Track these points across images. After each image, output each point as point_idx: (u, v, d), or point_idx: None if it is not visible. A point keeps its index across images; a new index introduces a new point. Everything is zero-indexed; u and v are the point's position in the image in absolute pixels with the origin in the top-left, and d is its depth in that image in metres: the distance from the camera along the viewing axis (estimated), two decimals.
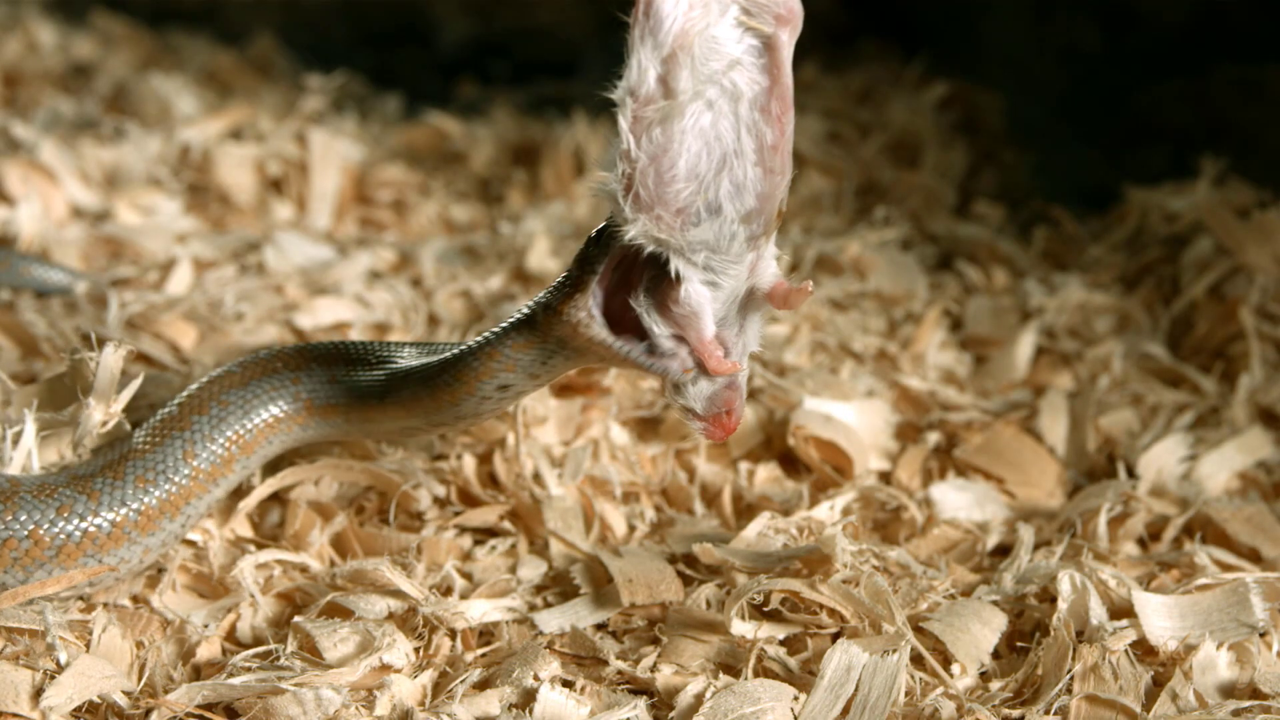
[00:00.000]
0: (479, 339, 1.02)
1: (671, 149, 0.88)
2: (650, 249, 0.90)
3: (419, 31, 2.39)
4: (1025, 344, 1.40)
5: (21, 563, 0.97)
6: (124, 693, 0.92)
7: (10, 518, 0.97)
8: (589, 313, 0.94)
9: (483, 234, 1.71)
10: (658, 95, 0.87)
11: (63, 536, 0.98)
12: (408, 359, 1.08)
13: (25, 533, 0.97)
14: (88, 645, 0.95)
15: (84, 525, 0.98)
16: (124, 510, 1.00)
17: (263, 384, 1.07)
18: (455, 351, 1.03)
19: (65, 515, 0.98)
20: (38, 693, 0.90)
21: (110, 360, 1.07)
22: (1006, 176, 1.92)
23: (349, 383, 1.07)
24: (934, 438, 1.25)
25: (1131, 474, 1.22)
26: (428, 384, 1.03)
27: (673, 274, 0.91)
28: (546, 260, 1.57)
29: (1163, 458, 1.23)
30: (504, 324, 1.00)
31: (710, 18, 0.87)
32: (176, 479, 1.02)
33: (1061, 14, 1.98)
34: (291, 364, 1.08)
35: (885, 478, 1.22)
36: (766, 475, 1.19)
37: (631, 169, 0.88)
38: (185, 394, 1.07)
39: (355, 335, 1.38)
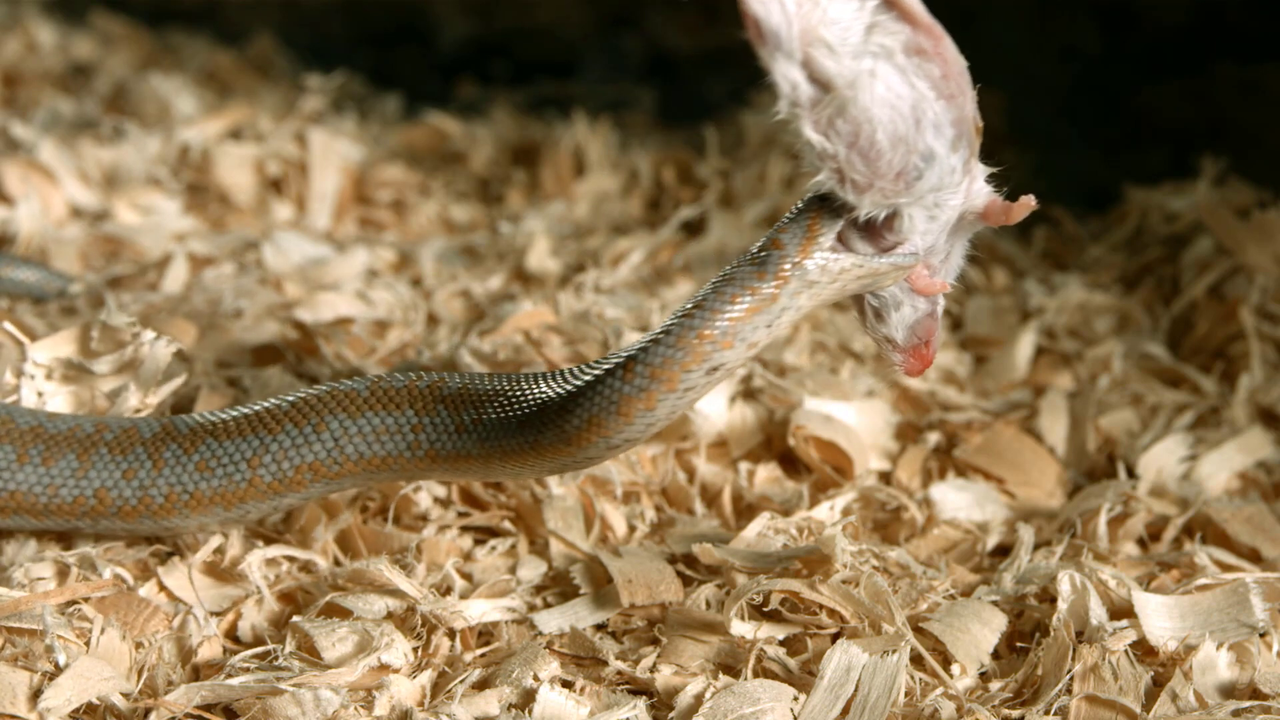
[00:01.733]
0: (649, 339, 0.93)
1: (863, 130, 0.89)
2: (886, 213, 0.92)
3: (419, 31, 2.39)
4: (1025, 344, 1.40)
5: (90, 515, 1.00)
6: (122, 694, 0.91)
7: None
8: (833, 245, 0.93)
9: (482, 234, 1.71)
10: (819, 95, 0.88)
11: (121, 500, 0.99)
12: (545, 386, 0.98)
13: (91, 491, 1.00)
14: (87, 646, 0.95)
15: (141, 490, 0.99)
16: (178, 487, 1.00)
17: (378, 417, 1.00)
18: (615, 362, 0.94)
19: (129, 479, 0.99)
20: (36, 694, 0.90)
21: (159, 352, 1.08)
22: (1006, 176, 1.91)
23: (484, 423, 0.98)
24: (934, 438, 1.25)
25: (1131, 474, 1.22)
26: (601, 398, 0.93)
27: (905, 222, 0.93)
28: (546, 260, 1.57)
29: (1163, 458, 1.23)
30: (692, 307, 0.92)
31: (819, 4, 0.88)
32: (237, 478, 1.00)
33: (1061, 14, 1.98)
34: (419, 405, 1.00)
35: (885, 478, 1.22)
36: (766, 475, 1.19)
37: (836, 163, 0.89)
38: (296, 395, 1.03)
39: (357, 332, 1.38)
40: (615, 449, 0.95)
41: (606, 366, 0.94)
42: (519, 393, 0.97)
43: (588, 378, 0.94)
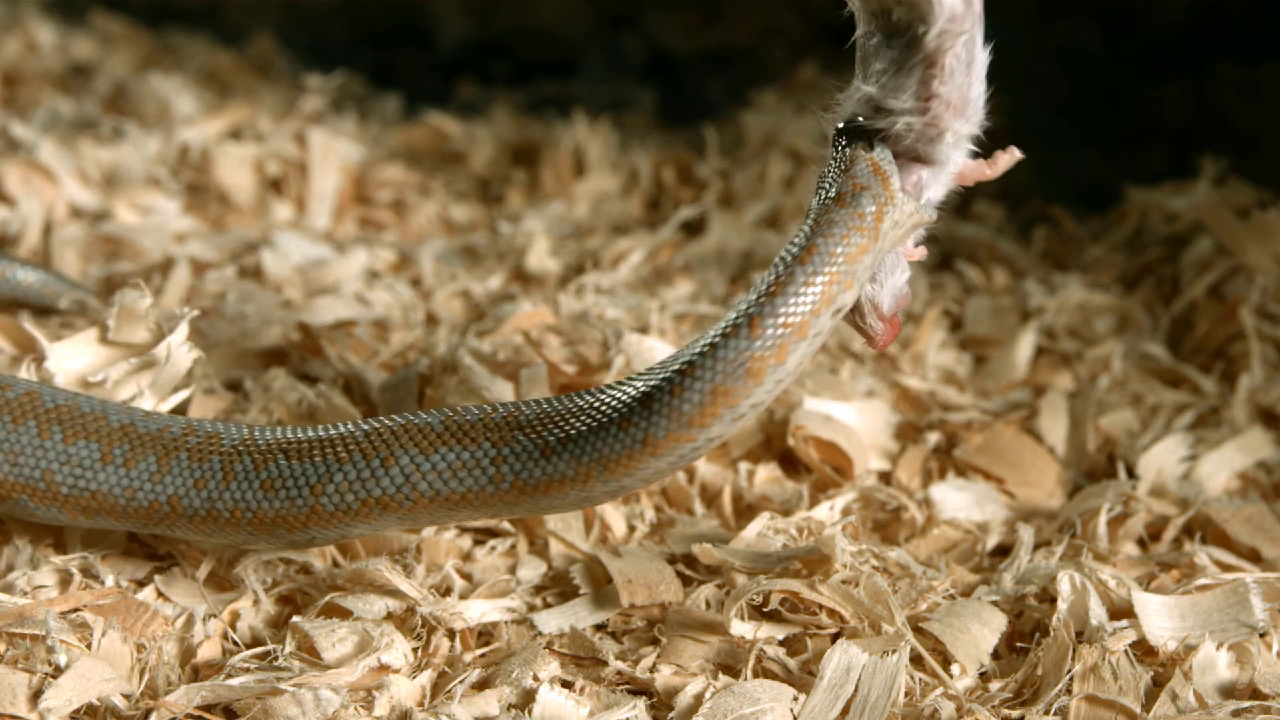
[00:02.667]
0: (734, 319, 0.89)
1: (977, 57, 0.98)
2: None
3: (419, 31, 2.39)
4: (1025, 344, 1.40)
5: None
6: (123, 695, 0.91)
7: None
8: (905, 189, 0.95)
9: (482, 234, 1.71)
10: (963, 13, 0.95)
11: (190, 509, 0.98)
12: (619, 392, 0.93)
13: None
14: (88, 648, 0.95)
15: (209, 502, 0.98)
16: (242, 504, 0.97)
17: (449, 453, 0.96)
18: (720, 331, 0.89)
19: (200, 489, 0.98)
20: (36, 694, 0.90)
21: (181, 359, 1.08)
22: (1006, 177, 1.90)
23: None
24: (934, 438, 1.25)
25: (1131, 474, 1.22)
26: (724, 363, 0.88)
27: (933, 173, 0.96)
28: (546, 260, 1.57)
29: (1163, 458, 1.23)
30: (801, 254, 0.90)
31: None
32: (299, 503, 0.97)
33: (1061, 14, 1.98)
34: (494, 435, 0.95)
35: (885, 478, 1.22)
36: (766, 475, 1.19)
37: (940, 94, 0.94)
38: (370, 424, 0.99)
39: (359, 334, 1.38)
40: (740, 419, 0.90)
41: (710, 340, 0.89)
42: (606, 399, 0.93)
43: (685, 360, 0.90)
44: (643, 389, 0.91)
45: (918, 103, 0.92)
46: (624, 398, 0.92)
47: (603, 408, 0.92)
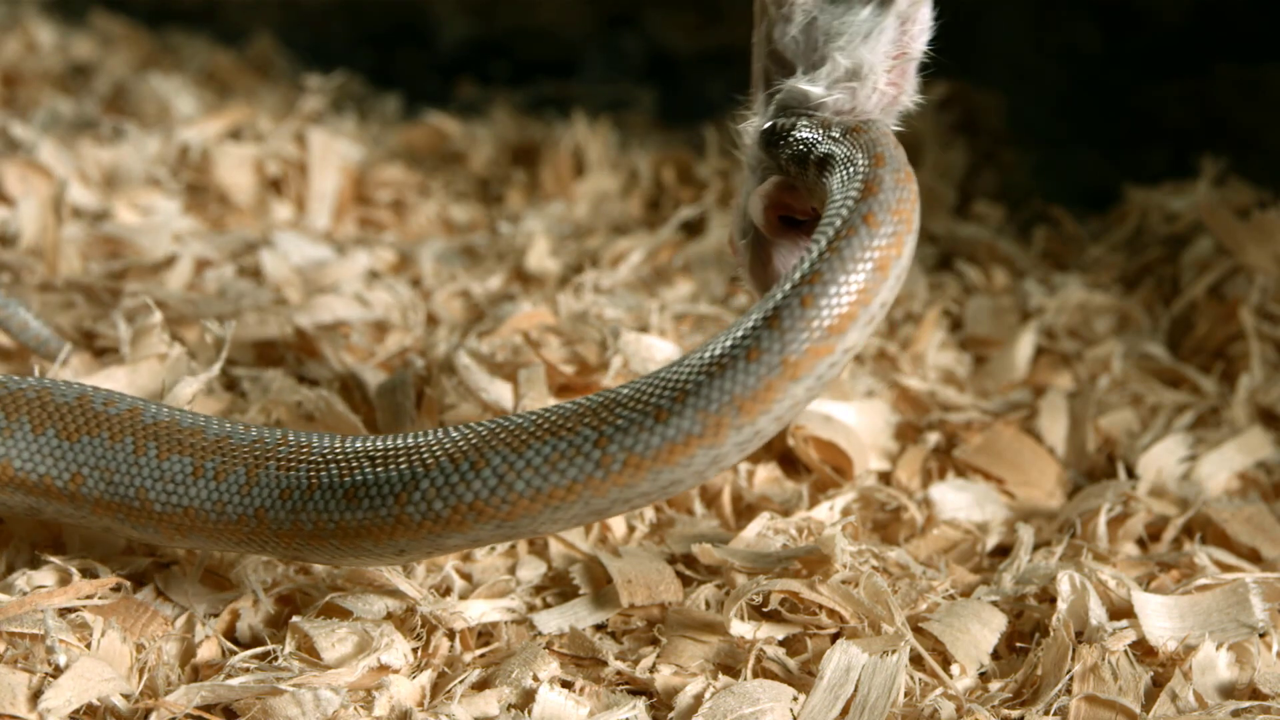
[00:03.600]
0: (806, 271, 0.87)
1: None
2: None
3: (418, 31, 2.39)
4: (1025, 344, 1.40)
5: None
6: (122, 695, 0.91)
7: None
8: None
9: (482, 234, 1.71)
10: None
11: (276, 522, 0.94)
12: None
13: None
14: (88, 648, 0.95)
15: (292, 514, 0.94)
16: (324, 515, 0.92)
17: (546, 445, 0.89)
18: (777, 301, 0.86)
19: (285, 499, 0.94)
20: (36, 695, 0.90)
21: (187, 389, 1.09)
22: (1006, 176, 1.91)
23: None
24: (934, 438, 1.25)
25: (1131, 474, 1.22)
26: (794, 332, 0.85)
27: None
28: (546, 260, 1.57)
29: (1162, 458, 1.23)
30: (855, 223, 0.88)
31: None
32: (383, 513, 0.91)
33: (1061, 14, 1.98)
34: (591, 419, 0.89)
35: (885, 478, 1.22)
36: (766, 475, 1.19)
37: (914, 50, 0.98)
38: (458, 429, 0.93)
39: (355, 335, 1.38)
40: (813, 394, 0.87)
41: (771, 306, 0.86)
42: (710, 354, 0.88)
43: (749, 325, 0.87)
44: (761, 315, 0.87)
45: (888, 62, 0.93)
46: (741, 334, 0.87)
47: (711, 358, 0.87)
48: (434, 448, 0.91)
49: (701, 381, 0.86)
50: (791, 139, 0.96)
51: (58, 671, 0.91)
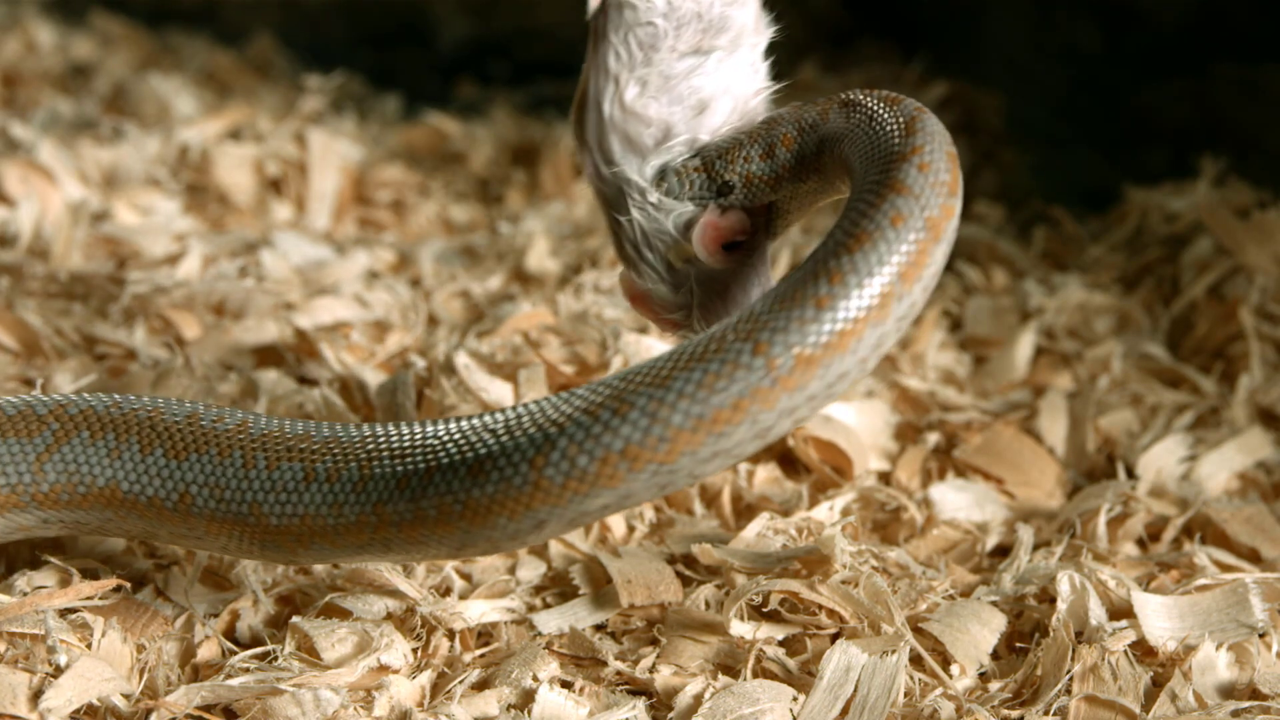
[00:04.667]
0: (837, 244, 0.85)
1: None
2: None
3: (418, 31, 2.39)
4: (1025, 344, 1.40)
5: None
6: (123, 695, 0.91)
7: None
8: None
9: (482, 234, 1.71)
10: None
11: (396, 515, 0.89)
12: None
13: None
14: (89, 648, 0.95)
15: (413, 502, 0.89)
16: (449, 496, 0.87)
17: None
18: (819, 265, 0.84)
19: (403, 488, 0.89)
20: (37, 695, 0.89)
21: None
22: (1006, 176, 1.91)
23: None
24: (933, 438, 1.25)
25: (1131, 474, 1.22)
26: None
27: None
28: (546, 260, 1.57)
29: (1162, 458, 1.23)
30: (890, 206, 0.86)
31: None
32: (516, 480, 0.86)
33: (1061, 14, 1.98)
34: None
35: (885, 478, 1.22)
36: (766, 476, 1.19)
37: None
38: (592, 385, 0.88)
39: (355, 336, 1.38)
40: (866, 368, 0.86)
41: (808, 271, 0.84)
42: (825, 252, 0.86)
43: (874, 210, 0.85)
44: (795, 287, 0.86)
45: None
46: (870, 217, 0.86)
47: (850, 237, 0.86)
48: (560, 407, 0.86)
49: (858, 259, 0.84)
50: (751, 149, 0.97)
51: (58, 671, 0.91)
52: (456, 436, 0.89)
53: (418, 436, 0.91)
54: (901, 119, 0.91)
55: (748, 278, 0.98)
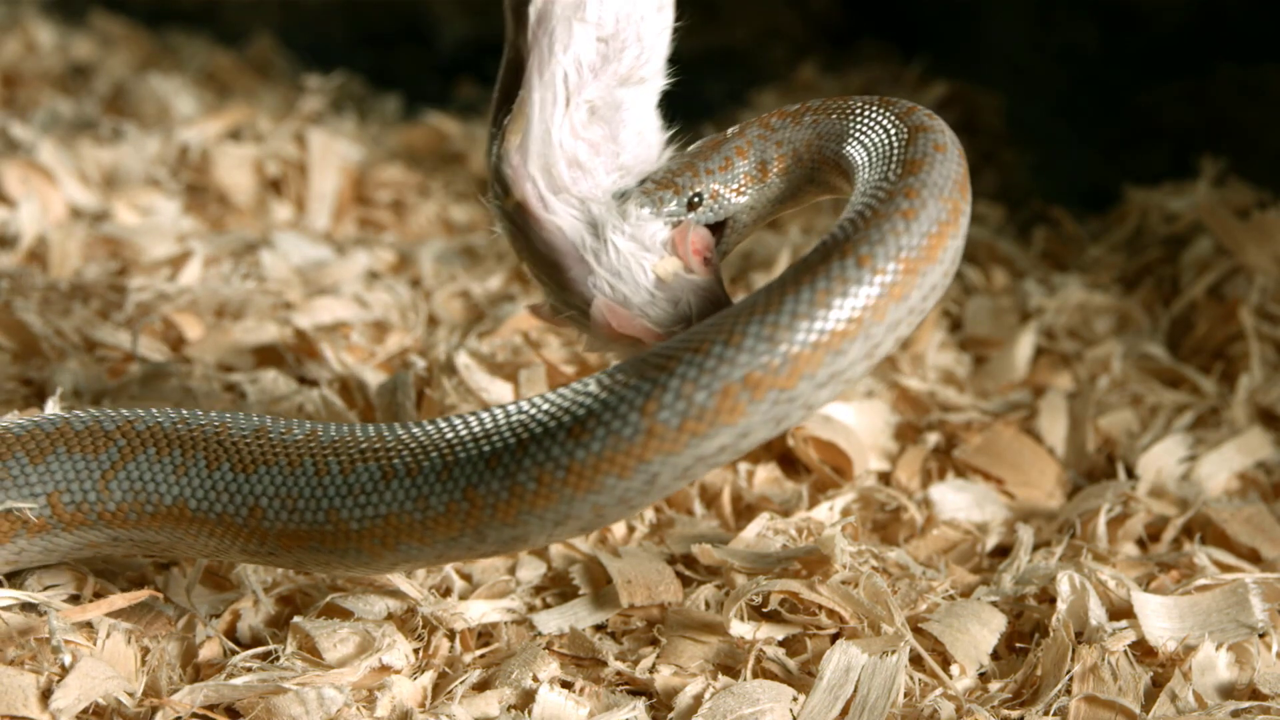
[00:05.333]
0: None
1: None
2: None
3: (418, 31, 2.39)
4: (1025, 344, 1.40)
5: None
6: (128, 694, 0.91)
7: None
8: None
9: (482, 234, 1.71)
10: None
11: (490, 495, 0.85)
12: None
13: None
14: (94, 646, 0.95)
15: (508, 477, 0.85)
16: (549, 463, 0.83)
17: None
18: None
19: (493, 466, 0.85)
20: (45, 695, 0.89)
21: None
22: (1006, 177, 1.92)
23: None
24: (933, 438, 1.25)
25: (1131, 475, 1.22)
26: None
27: None
28: None
29: (1162, 458, 1.23)
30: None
31: None
32: (626, 432, 0.82)
33: (1061, 14, 1.98)
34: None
35: (885, 478, 1.22)
36: (766, 476, 1.19)
37: None
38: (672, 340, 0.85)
39: (355, 336, 1.38)
40: (948, 279, 0.86)
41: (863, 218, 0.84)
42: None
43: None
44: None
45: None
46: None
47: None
48: (650, 361, 0.83)
49: (932, 176, 0.86)
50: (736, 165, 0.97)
51: (64, 671, 0.90)
52: (545, 407, 0.86)
53: (500, 417, 0.87)
54: (904, 115, 0.93)
55: (710, 290, 0.97)
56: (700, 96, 2.13)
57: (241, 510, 0.90)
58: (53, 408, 1.05)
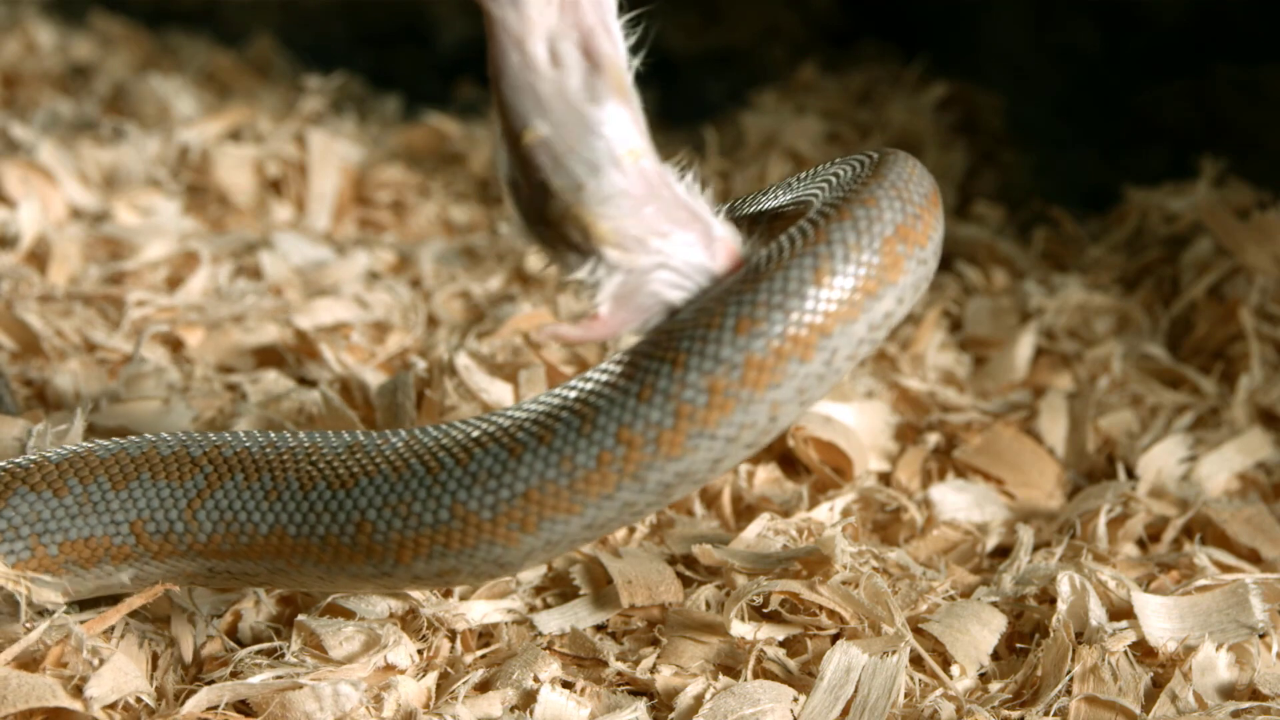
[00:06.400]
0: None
1: None
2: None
3: (418, 32, 2.39)
4: (1025, 345, 1.40)
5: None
6: (151, 694, 0.91)
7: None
8: None
9: (482, 235, 1.71)
10: None
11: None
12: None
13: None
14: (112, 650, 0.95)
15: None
16: (648, 431, 0.81)
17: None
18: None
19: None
20: (77, 689, 0.89)
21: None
22: (1006, 177, 1.92)
23: None
24: (933, 439, 1.25)
25: (1131, 475, 1.22)
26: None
27: None
28: None
29: (1162, 459, 1.23)
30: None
31: None
32: (700, 401, 0.81)
33: (1061, 14, 1.98)
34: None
35: (885, 479, 1.22)
36: (766, 476, 1.19)
37: None
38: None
39: (355, 337, 1.38)
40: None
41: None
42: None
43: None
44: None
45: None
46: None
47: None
48: (716, 304, 0.82)
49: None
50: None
51: (91, 668, 0.90)
52: (606, 376, 0.84)
53: (552, 396, 0.85)
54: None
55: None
56: (700, 96, 2.13)
57: (348, 529, 0.85)
58: (79, 422, 1.05)
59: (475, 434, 0.85)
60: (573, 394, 0.84)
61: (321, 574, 0.88)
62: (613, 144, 0.84)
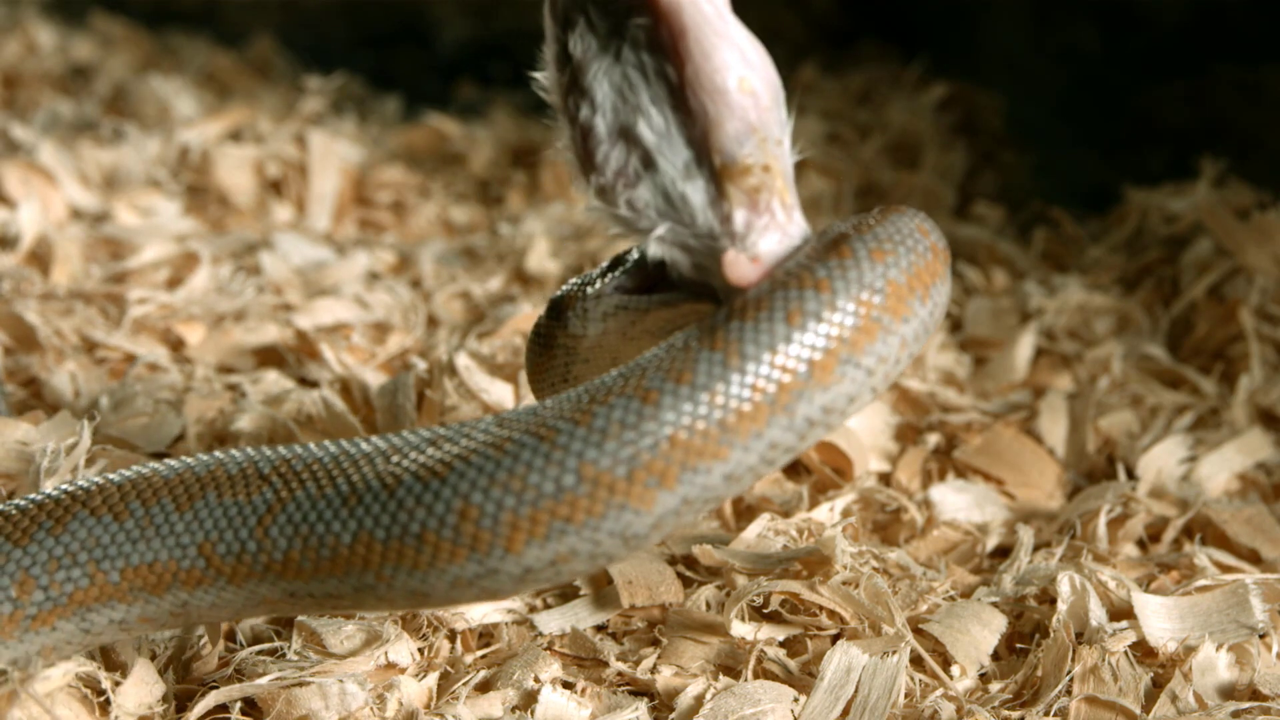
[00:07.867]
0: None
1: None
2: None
3: (418, 32, 2.39)
4: (1025, 345, 1.40)
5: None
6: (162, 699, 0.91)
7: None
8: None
9: (482, 235, 1.71)
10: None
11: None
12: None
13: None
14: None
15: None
16: (691, 429, 0.77)
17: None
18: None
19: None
20: (105, 704, 0.89)
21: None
22: (1006, 177, 1.92)
23: None
24: (934, 439, 1.25)
25: (1131, 475, 1.22)
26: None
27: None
28: (546, 261, 1.57)
29: (1162, 459, 1.23)
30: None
31: None
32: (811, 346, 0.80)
33: (1061, 15, 1.98)
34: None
35: (885, 479, 1.22)
36: (766, 477, 1.19)
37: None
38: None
39: (356, 337, 1.38)
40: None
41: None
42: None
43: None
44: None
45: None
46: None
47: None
48: (793, 277, 0.81)
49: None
50: None
51: (115, 684, 0.90)
52: (667, 351, 0.81)
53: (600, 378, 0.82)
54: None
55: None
56: None
57: (448, 519, 0.78)
58: (88, 430, 1.05)
59: (586, 398, 0.78)
60: (696, 334, 0.80)
61: (416, 584, 0.79)
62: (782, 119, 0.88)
